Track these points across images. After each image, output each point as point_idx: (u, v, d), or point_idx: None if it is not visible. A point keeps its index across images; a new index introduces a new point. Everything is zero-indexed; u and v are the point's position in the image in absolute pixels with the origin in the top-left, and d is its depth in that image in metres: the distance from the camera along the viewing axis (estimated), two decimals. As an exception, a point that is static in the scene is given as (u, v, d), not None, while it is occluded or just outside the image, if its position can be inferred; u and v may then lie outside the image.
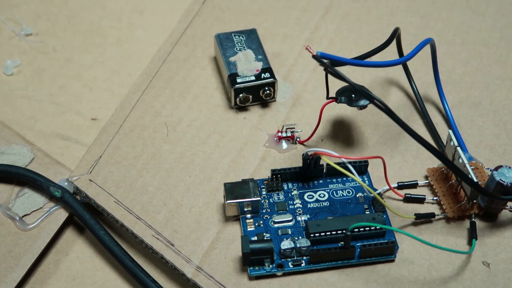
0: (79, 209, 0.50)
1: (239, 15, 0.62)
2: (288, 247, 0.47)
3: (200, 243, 0.49)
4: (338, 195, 0.50)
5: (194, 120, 0.55)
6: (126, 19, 0.65)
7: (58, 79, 0.61)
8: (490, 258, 0.48)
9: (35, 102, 0.59)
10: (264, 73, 0.55)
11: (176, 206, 0.51)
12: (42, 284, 0.49)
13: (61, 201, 0.51)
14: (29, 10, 0.66)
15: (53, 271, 0.50)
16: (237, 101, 0.55)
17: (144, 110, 0.56)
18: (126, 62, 0.62)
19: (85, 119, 0.58)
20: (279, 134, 0.54)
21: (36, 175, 0.52)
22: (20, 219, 0.51)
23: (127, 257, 0.49)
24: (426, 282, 0.47)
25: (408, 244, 0.48)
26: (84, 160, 0.53)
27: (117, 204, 0.51)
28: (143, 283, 0.48)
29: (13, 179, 0.52)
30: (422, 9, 0.63)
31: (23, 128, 0.57)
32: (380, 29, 0.61)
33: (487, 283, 0.47)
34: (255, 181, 0.50)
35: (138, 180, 0.52)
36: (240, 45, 0.57)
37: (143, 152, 0.54)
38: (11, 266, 0.48)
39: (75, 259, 0.50)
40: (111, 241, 0.49)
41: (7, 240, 0.50)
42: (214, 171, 0.52)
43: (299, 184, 0.51)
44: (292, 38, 0.61)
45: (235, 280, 0.47)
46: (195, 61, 0.59)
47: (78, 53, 0.63)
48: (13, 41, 0.63)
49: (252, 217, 0.49)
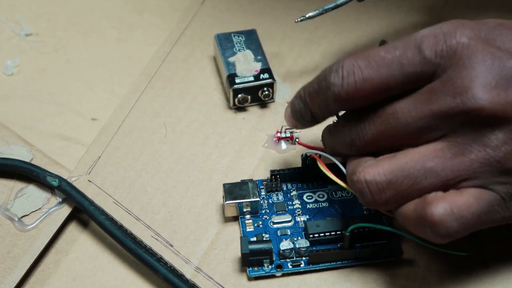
0: (77, 196, 0.50)
1: (238, 15, 0.62)
2: (287, 248, 0.47)
3: (199, 243, 0.49)
4: (337, 196, 0.50)
5: (193, 121, 0.55)
6: (126, 19, 0.65)
7: (58, 79, 0.61)
8: (490, 259, 0.48)
9: (35, 102, 0.59)
10: (263, 73, 0.55)
11: (175, 207, 0.51)
12: (42, 284, 0.49)
13: (59, 190, 0.51)
14: (29, 10, 0.66)
15: (53, 271, 0.50)
16: (236, 102, 0.55)
17: (143, 110, 0.56)
18: (126, 62, 0.62)
19: (85, 119, 0.58)
20: (278, 134, 0.54)
21: (32, 166, 0.52)
22: (19, 220, 0.51)
23: (130, 240, 0.48)
24: (426, 283, 0.47)
25: (408, 244, 0.48)
26: (83, 161, 0.53)
27: (116, 204, 0.51)
28: (147, 263, 0.48)
29: (11, 173, 0.52)
30: (422, 9, 0.63)
31: (22, 128, 0.57)
32: (380, 30, 0.61)
33: (487, 283, 0.47)
34: (254, 181, 0.50)
35: (137, 181, 0.52)
36: (239, 46, 0.57)
37: (142, 152, 0.54)
38: (10, 267, 0.48)
39: (75, 259, 0.50)
40: (112, 225, 0.49)
41: (6, 241, 0.50)
42: (213, 172, 0.52)
43: (298, 185, 0.51)
44: (291, 38, 0.61)
45: (234, 281, 0.47)
46: (194, 62, 0.59)
47: (78, 53, 0.63)
48: (13, 41, 0.63)
49: (251, 218, 0.49)
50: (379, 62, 0.41)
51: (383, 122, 0.42)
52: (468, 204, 0.40)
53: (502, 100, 0.39)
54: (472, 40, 0.41)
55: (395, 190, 0.41)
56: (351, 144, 0.44)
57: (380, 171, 0.42)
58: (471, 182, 0.41)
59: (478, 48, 0.40)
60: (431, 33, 0.41)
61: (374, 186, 0.42)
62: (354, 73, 0.42)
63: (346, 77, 0.42)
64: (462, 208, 0.40)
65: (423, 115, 0.41)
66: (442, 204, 0.40)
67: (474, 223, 0.41)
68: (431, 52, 0.41)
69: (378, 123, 0.42)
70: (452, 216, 0.40)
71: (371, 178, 0.42)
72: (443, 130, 0.41)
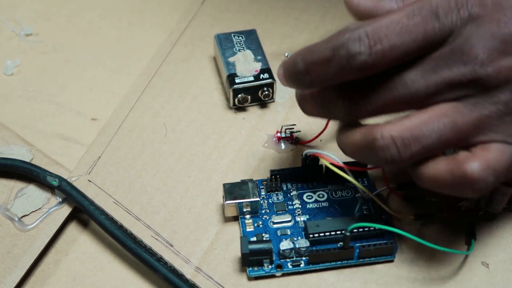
0: (77, 196, 0.50)
1: (238, 15, 0.62)
2: (287, 248, 0.47)
3: (199, 243, 0.49)
4: (337, 196, 0.50)
5: (193, 121, 0.55)
6: (126, 19, 0.65)
7: (58, 79, 0.61)
8: (489, 259, 0.48)
9: (35, 102, 0.59)
10: (263, 73, 0.55)
11: (175, 207, 0.51)
12: (42, 284, 0.49)
13: (59, 190, 0.51)
14: (29, 10, 0.66)
15: (53, 271, 0.50)
16: (236, 102, 0.55)
17: (143, 110, 0.56)
18: (126, 62, 0.62)
19: (85, 119, 0.58)
20: (278, 134, 0.54)
21: (32, 166, 0.52)
22: (19, 220, 0.51)
23: (130, 240, 0.48)
24: (426, 283, 0.47)
25: (408, 244, 0.48)
26: (83, 161, 0.53)
27: (116, 204, 0.51)
28: (147, 263, 0.48)
29: (11, 173, 0.52)
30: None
31: (22, 128, 0.57)
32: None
33: (486, 283, 0.47)
34: (254, 181, 0.50)
35: (137, 181, 0.52)
36: (239, 46, 0.57)
37: (142, 152, 0.54)
38: (10, 267, 0.48)
39: (75, 259, 0.50)
40: (112, 225, 0.49)
41: (6, 241, 0.50)
42: (213, 172, 0.52)
43: (298, 185, 0.51)
44: (291, 38, 0.61)
45: (234, 281, 0.47)
46: (194, 62, 0.59)
47: (78, 53, 0.63)
48: (13, 41, 0.63)
49: (251, 218, 0.49)
50: (403, 28, 0.42)
51: (391, 91, 0.43)
52: (498, 158, 0.42)
53: (509, 64, 0.41)
54: (480, 8, 0.42)
55: (421, 144, 0.42)
56: (351, 109, 0.44)
57: (404, 127, 0.42)
58: (489, 136, 0.42)
59: (486, 14, 0.42)
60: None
61: (400, 141, 0.42)
62: (381, 40, 0.41)
63: (373, 45, 0.41)
64: (494, 162, 0.42)
65: (435, 83, 0.42)
66: (476, 162, 0.41)
67: (504, 175, 0.42)
68: (447, 19, 0.42)
69: (385, 92, 0.43)
70: (488, 171, 0.41)
71: (398, 134, 0.42)
72: (454, 93, 0.42)
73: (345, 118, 0.44)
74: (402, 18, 0.42)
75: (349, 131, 0.44)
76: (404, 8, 0.42)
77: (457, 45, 0.41)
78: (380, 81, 0.43)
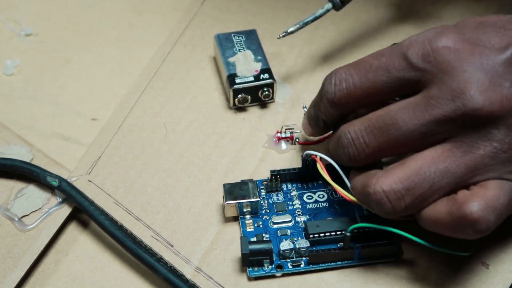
0: (77, 196, 0.50)
1: (238, 15, 0.62)
2: (287, 248, 0.47)
3: (199, 244, 0.49)
4: (337, 196, 0.50)
5: (193, 121, 0.55)
6: (126, 19, 0.65)
7: (58, 79, 0.61)
8: (489, 259, 0.48)
9: (35, 102, 0.59)
10: (263, 73, 0.55)
11: (175, 207, 0.51)
12: (42, 284, 0.49)
13: (59, 190, 0.51)
14: (29, 10, 0.66)
15: (53, 271, 0.50)
16: (236, 102, 0.55)
17: (143, 110, 0.56)
18: (126, 62, 0.62)
19: (85, 119, 0.58)
20: (278, 134, 0.54)
21: (32, 166, 0.52)
22: (19, 220, 0.51)
23: (130, 240, 0.48)
24: (426, 283, 0.47)
25: (408, 244, 0.48)
26: (83, 161, 0.53)
27: (116, 204, 0.51)
28: (147, 263, 0.48)
29: (11, 173, 0.52)
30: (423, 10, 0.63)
31: (22, 128, 0.57)
32: (380, 30, 0.61)
33: (486, 283, 0.47)
34: (254, 181, 0.50)
35: (137, 181, 0.52)
36: (239, 46, 0.57)
37: (142, 152, 0.54)
38: (9, 267, 0.48)
39: (75, 259, 0.50)
40: (112, 225, 0.49)
41: (6, 241, 0.50)
42: (213, 172, 0.52)
43: (298, 185, 0.51)
44: (291, 38, 0.60)
45: (234, 281, 0.47)
46: (194, 62, 0.59)
47: (78, 53, 0.63)
48: (13, 41, 0.63)
49: (251, 218, 0.49)
50: (367, 68, 0.44)
51: (384, 133, 0.43)
52: (497, 196, 0.41)
53: (498, 96, 0.41)
54: (458, 43, 0.42)
55: (414, 195, 0.42)
56: (351, 159, 0.45)
57: (395, 179, 0.42)
58: (485, 175, 0.42)
59: (466, 50, 0.42)
60: (417, 40, 0.43)
61: (393, 195, 0.42)
62: (345, 79, 0.45)
63: (338, 84, 0.45)
64: (493, 201, 0.41)
65: (425, 122, 0.42)
66: (475, 201, 0.41)
67: (505, 212, 0.42)
68: (417, 58, 0.43)
69: (379, 135, 0.44)
70: (488, 210, 0.41)
71: (389, 188, 0.42)
72: (446, 133, 0.42)
73: (349, 164, 0.46)
74: (369, 59, 0.45)
75: (353, 174, 0.46)
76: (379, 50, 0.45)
77: (443, 83, 0.41)
78: (373, 125, 0.44)
